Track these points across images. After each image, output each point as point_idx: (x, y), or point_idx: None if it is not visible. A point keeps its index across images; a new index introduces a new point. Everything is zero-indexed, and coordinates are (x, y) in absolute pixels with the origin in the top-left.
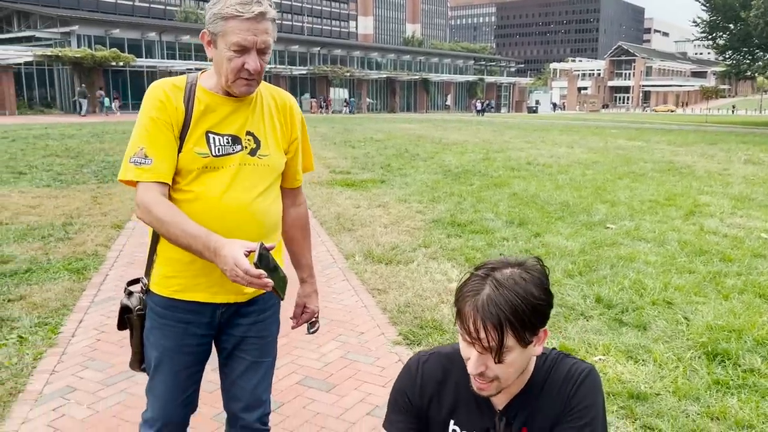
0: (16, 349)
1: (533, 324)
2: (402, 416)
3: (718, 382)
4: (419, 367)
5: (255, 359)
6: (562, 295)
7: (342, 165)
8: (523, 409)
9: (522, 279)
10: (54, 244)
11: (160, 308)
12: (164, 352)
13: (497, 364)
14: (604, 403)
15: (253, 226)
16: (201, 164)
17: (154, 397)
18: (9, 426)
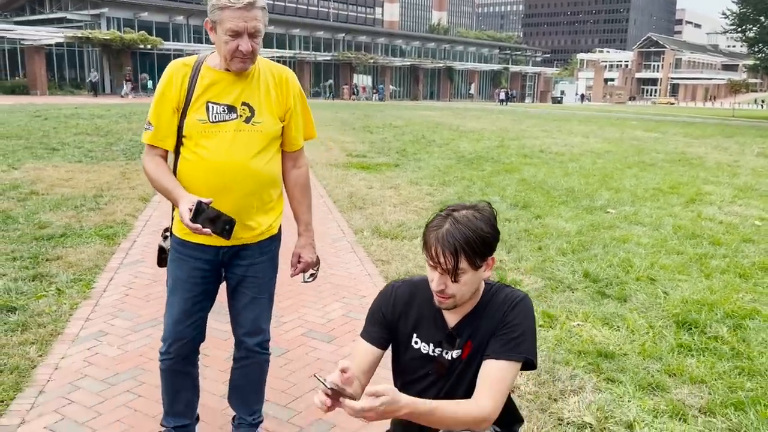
0: (55, 299)
1: (482, 252)
2: (377, 327)
3: (682, 346)
4: (393, 291)
5: (254, 295)
6: (551, 270)
7: (359, 149)
8: (469, 326)
9: (474, 217)
10: (86, 213)
11: (177, 246)
12: (177, 280)
13: (454, 284)
14: (534, 325)
15: (248, 182)
16: (200, 129)
17: (168, 318)
18: (50, 360)
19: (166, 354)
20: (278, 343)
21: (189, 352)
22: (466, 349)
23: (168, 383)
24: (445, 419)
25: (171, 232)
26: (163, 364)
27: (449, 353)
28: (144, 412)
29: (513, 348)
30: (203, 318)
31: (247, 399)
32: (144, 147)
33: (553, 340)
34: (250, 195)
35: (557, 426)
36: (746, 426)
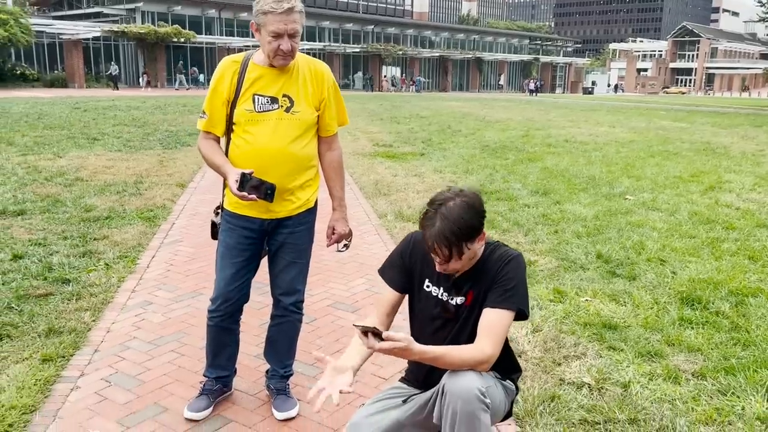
0: (104, 273)
1: (469, 236)
2: (396, 270)
3: (683, 319)
4: (412, 239)
5: (292, 260)
6: (566, 252)
7: (385, 139)
8: (469, 279)
9: (461, 208)
10: (128, 198)
11: (228, 217)
12: (227, 246)
13: (453, 263)
14: (525, 280)
15: (288, 163)
16: (247, 117)
17: (219, 280)
18: (103, 324)
19: (215, 311)
20: (307, 312)
21: (234, 311)
22: (469, 297)
23: (214, 338)
24: (452, 362)
25: (222, 207)
26: (211, 321)
27: (454, 299)
28: (187, 368)
29: (507, 298)
30: (249, 281)
31: (280, 353)
32: (199, 132)
33: (561, 313)
34: (289, 174)
35: (558, 385)
36: (734, 387)
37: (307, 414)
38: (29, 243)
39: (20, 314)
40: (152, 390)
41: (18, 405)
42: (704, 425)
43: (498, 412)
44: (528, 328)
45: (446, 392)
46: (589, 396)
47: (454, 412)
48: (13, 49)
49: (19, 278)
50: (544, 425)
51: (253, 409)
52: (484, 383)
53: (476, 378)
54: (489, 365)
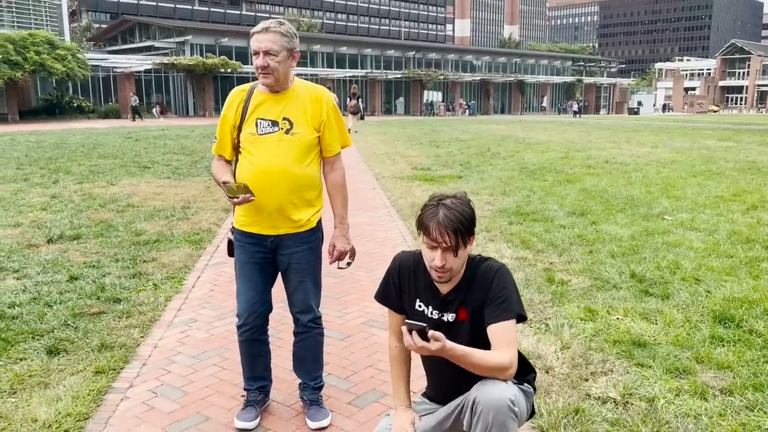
0: (152, 292)
1: (470, 229)
2: (389, 292)
3: (715, 337)
4: (399, 261)
5: (300, 279)
6: (599, 271)
7: (424, 162)
8: (458, 295)
9: (459, 203)
10: (176, 222)
11: (238, 236)
12: (242, 264)
13: (453, 258)
14: (515, 286)
15: (289, 182)
16: (251, 140)
17: (240, 296)
18: (150, 340)
19: (243, 326)
20: (342, 330)
21: (262, 322)
22: (461, 312)
23: (248, 352)
24: (477, 362)
25: (233, 227)
26: (242, 336)
27: (446, 316)
28: (228, 381)
29: (505, 310)
30: (268, 292)
31: (308, 367)
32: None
33: (591, 331)
34: (290, 193)
35: (584, 399)
36: (762, 404)
37: (339, 424)
38: (84, 265)
39: (75, 330)
40: (195, 401)
41: (73, 413)
42: None
43: (523, 416)
44: (557, 345)
45: (477, 403)
46: (613, 410)
47: (486, 423)
48: (71, 82)
49: (75, 298)
50: None
51: (288, 418)
52: (513, 391)
53: (506, 388)
54: (514, 370)
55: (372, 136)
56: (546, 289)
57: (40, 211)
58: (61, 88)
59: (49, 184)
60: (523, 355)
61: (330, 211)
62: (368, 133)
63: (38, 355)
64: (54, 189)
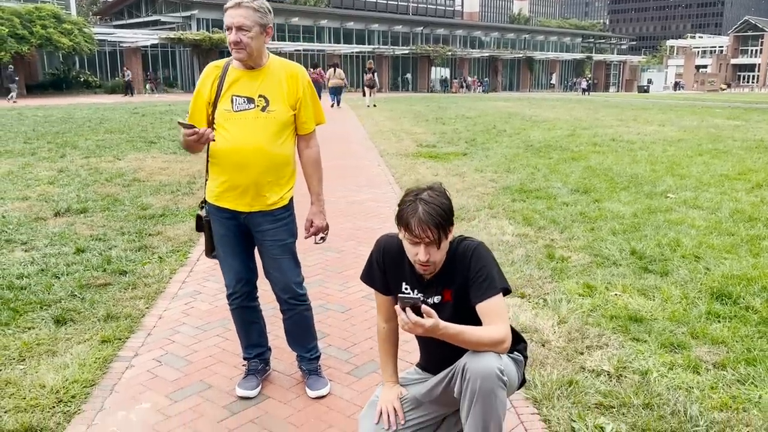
0: (157, 265)
1: (450, 220)
2: (374, 273)
3: (711, 313)
4: (383, 244)
5: (275, 257)
6: (599, 248)
7: (429, 140)
8: (441, 279)
9: (436, 195)
10: (181, 197)
11: (212, 209)
12: (220, 237)
13: (436, 251)
14: (495, 261)
15: (264, 161)
16: (226, 117)
17: (224, 269)
18: (155, 311)
19: (232, 295)
20: (343, 303)
21: (250, 289)
22: (446, 294)
23: (241, 320)
24: (471, 339)
25: (205, 200)
26: (232, 304)
27: (431, 298)
28: (230, 351)
29: (488, 288)
30: (251, 259)
31: (300, 340)
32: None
33: (588, 306)
34: (265, 171)
35: (578, 372)
36: (753, 377)
37: (339, 393)
38: (91, 238)
39: (82, 301)
40: (198, 369)
41: (80, 379)
42: (718, 411)
43: (513, 384)
44: (554, 320)
45: (467, 370)
46: (606, 382)
47: (473, 390)
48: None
49: (82, 269)
50: (560, 407)
51: (289, 387)
52: (501, 362)
53: (495, 358)
54: (509, 343)
55: (378, 113)
56: (546, 265)
57: (48, 185)
58: (68, 62)
59: (56, 159)
60: (512, 326)
61: (303, 187)
62: (375, 110)
63: (46, 325)
64: (61, 163)
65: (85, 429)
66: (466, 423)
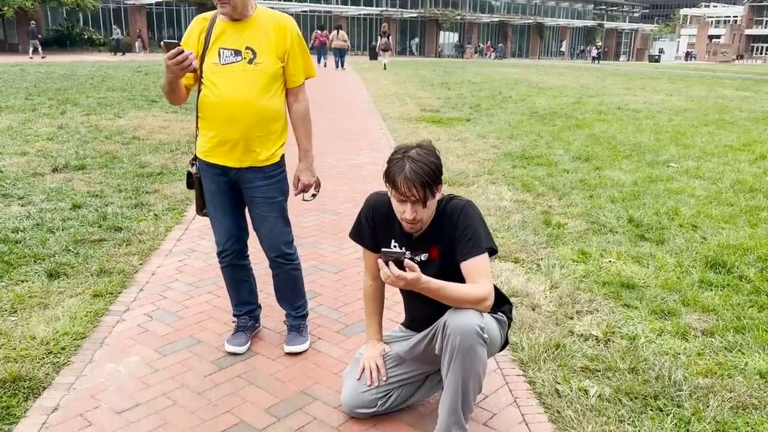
0: (153, 223)
1: (438, 178)
2: (363, 231)
3: (704, 282)
4: (372, 202)
5: (264, 214)
6: (597, 215)
7: (433, 104)
8: (428, 237)
9: (425, 154)
10: (180, 156)
11: (203, 165)
12: (211, 194)
13: (423, 210)
14: (482, 221)
15: (252, 115)
16: (213, 70)
17: (215, 226)
18: (149, 267)
19: (222, 252)
20: (336, 264)
21: (240, 247)
22: (433, 251)
23: (231, 278)
24: (453, 295)
25: (196, 156)
26: (222, 262)
27: (418, 256)
28: (222, 308)
29: (474, 246)
30: (242, 218)
31: (287, 298)
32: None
33: (581, 272)
34: (254, 126)
35: (566, 336)
36: (740, 345)
37: (327, 351)
38: (87, 194)
39: (76, 256)
40: (189, 325)
41: (71, 332)
42: (703, 377)
43: (495, 343)
44: (546, 285)
45: (447, 326)
46: (594, 347)
47: (453, 346)
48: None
49: (77, 225)
50: (545, 370)
51: (278, 344)
52: (482, 320)
53: (476, 315)
54: (491, 302)
55: (383, 77)
56: (542, 231)
57: (47, 141)
58: (72, 18)
59: (56, 115)
60: (497, 287)
61: (294, 145)
62: (380, 73)
63: (39, 278)
64: (61, 120)
65: (73, 380)
66: (445, 379)
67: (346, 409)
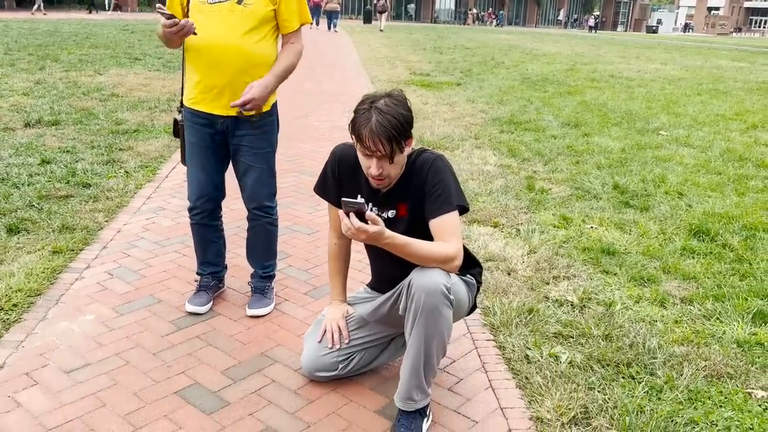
0: (123, 180)
1: (407, 132)
2: (329, 186)
3: (686, 249)
4: (339, 154)
5: (251, 164)
6: (582, 181)
7: (424, 68)
8: (396, 192)
9: (393, 105)
10: (158, 114)
11: (188, 115)
12: (192, 145)
13: (390, 165)
14: (454, 177)
15: (239, 60)
16: (200, 8)
17: (189, 180)
18: (115, 225)
19: (193, 209)
20: (311, 225)
21: (213, 207)
22: (401, 208)
23: (199, 236)
24: (418, 251)
25: (182, 104)
26: (192, 219)
27: (385, 213)
28: (186, 267)
29: (444, 203)
30: (220, 176)
31: (258, 255)
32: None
33: (561, 238)
34: (241, 72)
35: (541, 302)
36: (719, 313)
37: (293, 313)
38: (58, 150)
39: (39, 212)
40: (151, 284)
41: (24, 288)
42: (678, 345)
43: (462, 306)
44: (524, 250)
45: (412, 285)
46: (569, 312)
47: (417, 305)
48: None
49: (44, 181)
50: (517, 335)
51: (241, 305)
52: (449, 280)
53: (442, 275)
54: (459, 261)
55: (375, 40)
56: (524, 196)
57: (22, 96)
58: None
59: (34, 70)
60: (468, 249)
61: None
62: (371, 37)
63: None
64: (39, 75)
65: (23, 337)
66: (408, 340)
67: (306, 372)
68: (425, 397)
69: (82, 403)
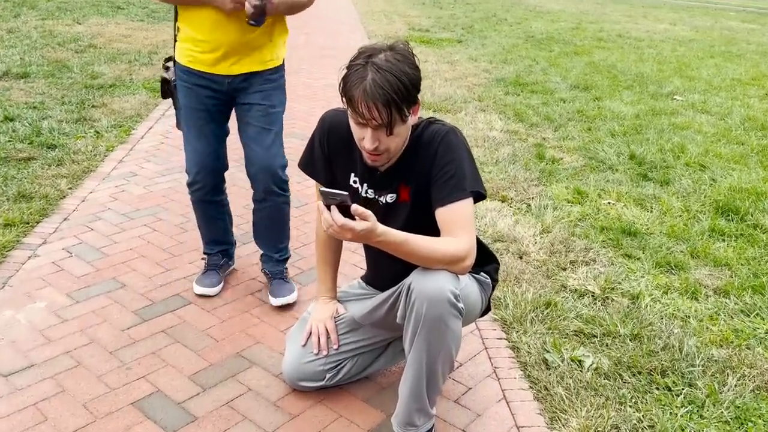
0: (92, 141)
1: (412, 97)
2: (316, 160)
3: (715, 230)
4: (328, 122)
5: (262, 126)
6: (595, 150)
7: (423, 24)
8: (398, 171)
9: (396, 60)
10: (138, 68)
11: (183, 75)
12: (188, 110)
13: (388, 137)
14: (469, 155)
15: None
16: None
17: (187, 151)
18: (79, 193)
19: (193, 184)
20: (301, 196)
21: (215, 181)
22: (402, 192)
23: (202, 213)
24: (419, 251)
25: (174, 60)
26: (193, 195)
27: (384, 196)
28: (156, 245)
29: (455, 188)
30: (222, 145)
31: (271, 238)
32: None
33: (577, 215)
34: (250, 29)
35: (558, 292)
36: (759, 308)
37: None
38: (25, 106)
39: None
40: (114, 264)
41: None
42: (717, 347)
43: (474, 311)
44: (536, 228)
45: (412, 290)
46: (590, 306)
47: (418, 315)
48: None
49: (4, 140)
50: (532, 333)
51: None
52: (457, 284)
53: (449, 279)
54: (471, 261)
55: None
56: (534, 166)
57: None
58: None
59: (8, 18)
60: (482, 242)
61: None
62: None
63: None
64: (12, 23)
65: None
66: (408, 354)
67: (288, 380)
68: (428, 419)
69: (19, 417)
